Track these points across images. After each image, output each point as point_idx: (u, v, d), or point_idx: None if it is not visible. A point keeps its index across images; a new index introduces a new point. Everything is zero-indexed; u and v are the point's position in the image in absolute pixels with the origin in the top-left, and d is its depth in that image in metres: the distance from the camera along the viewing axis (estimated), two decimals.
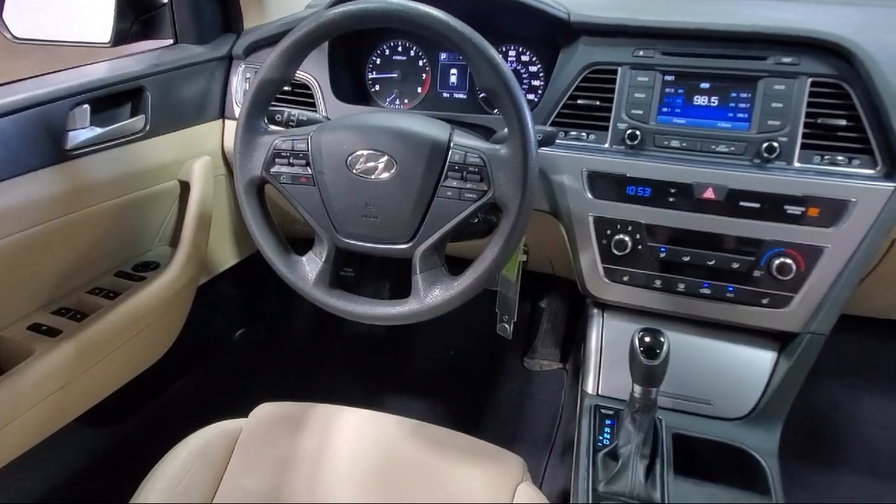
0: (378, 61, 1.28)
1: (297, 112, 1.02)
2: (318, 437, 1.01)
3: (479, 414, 1.66)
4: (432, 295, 0.86)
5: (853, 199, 0.90)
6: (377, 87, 1.29)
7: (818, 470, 1.39)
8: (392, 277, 1.78)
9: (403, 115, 0.97)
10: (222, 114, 1.32)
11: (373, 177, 0.85)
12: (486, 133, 1.02)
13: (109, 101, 1.10)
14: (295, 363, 1.84)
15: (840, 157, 0.93)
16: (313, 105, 1.20)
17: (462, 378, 1.79)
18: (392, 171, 0.85)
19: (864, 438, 1.47)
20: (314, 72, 1.19)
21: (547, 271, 1.36)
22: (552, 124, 1.05)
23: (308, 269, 0.92)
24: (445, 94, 1.25)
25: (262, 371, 1.78)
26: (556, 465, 1.45)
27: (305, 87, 1.20)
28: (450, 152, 0.84)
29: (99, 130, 1.07)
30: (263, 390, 1.16)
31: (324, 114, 1.17)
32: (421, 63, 1.25)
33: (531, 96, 1.19)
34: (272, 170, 0.90)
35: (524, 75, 1.19)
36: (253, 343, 1.80)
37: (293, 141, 0.89)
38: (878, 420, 1.49)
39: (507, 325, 1.13)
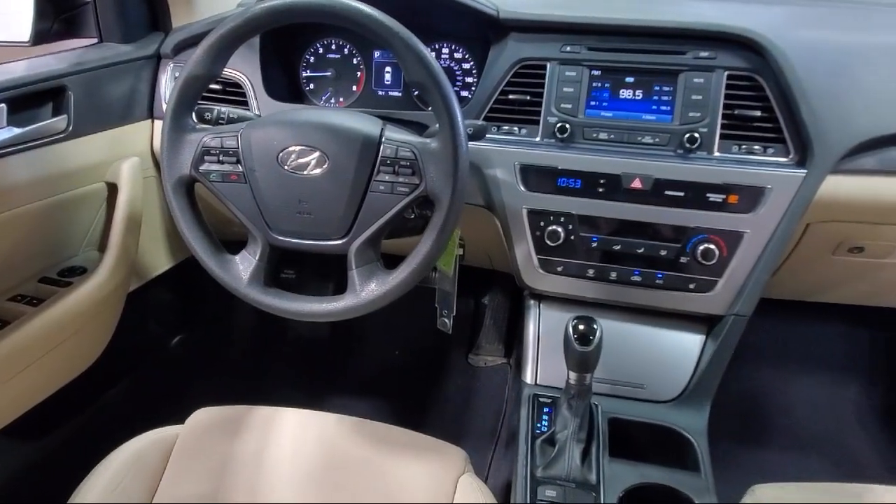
0: (312, 60, 1.27)
1: (227, 110, 1.00)
2: (257, 440, 1.00)
3: (425, 412, 1.67)
4: (368, 289, 0.86)
5: (769, 186, 0.94)
6: (312, 86, 1.28)
7: (747, 449, 1.45)
8: (335, 278, 1.76)
9: (335, 110, 0.96)
10: (151, 114, 1.29)
11: (305, 172, 0.85)
12: (420, 129, 1.03)
13: (29, 100, 1.06)
14: (236, 368, 1.80)
15: (756, 147, 0.97)
16: (246, 105, 1.18)
17: (408, 377, 1.79)
18: (324, 166, 0.85)
19: (792, 417, 1.54)
20: (246, 70, 1.18)
21: (486, 266, 1.37)
22: (485, 119, 1.06)
23: (242, 268, 0.91)
24: (381, 93, 1.26)
25: (201, 377, 1.73)
26: (501, 458, 1.47)
27: (237, 85, 1.19)
28: (381, 147, 0.85)
29: (17, 131, 1.02)
30: (203, 397, 1.13)
31: (256, 112, 1.16)
32: (355, 61, 1.25)
33: (465, 93, 1.20)
34: (201, 168, 0.88)
35: (457, 72, 1.20)
36: (191, 349, 1.75)
37: (222, 138, 0.88)
38: (804, 399, 1.57)
39: (446, 320, 1.14)
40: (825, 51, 0.98)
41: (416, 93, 1.23)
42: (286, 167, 0.85)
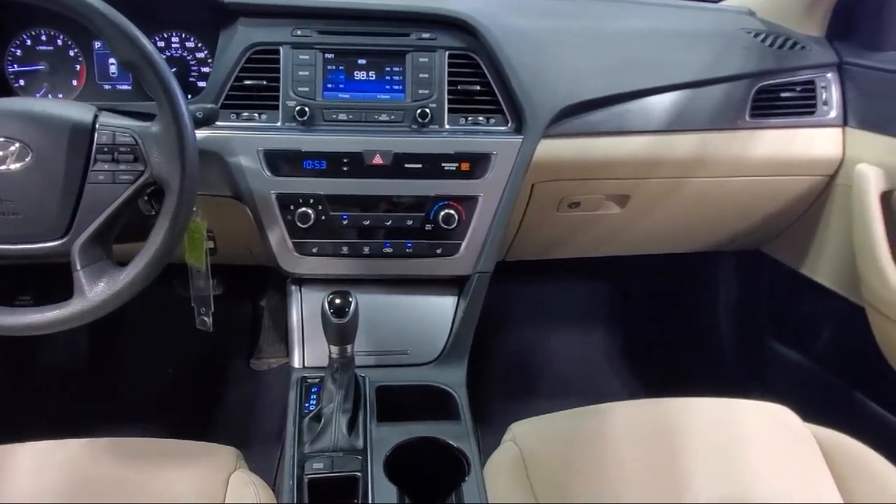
0: (19, 53, 1.13)
1: None
2: None
3: (207, 424, 1.59)
4: (97, 290, 0.79)
5: (494, 153, 1.04)
6: (22, 82, 1.14)
7: (515, 401, 1.60)
8: None
9: (36, 99, 0.88)
10: None
11: (3, 168, 0.77)
12: (148, 119, 0.97)
13: None
14: None
15: (481, 118, 1.07)
16: None
17: (186, 392, 1.68)
18: (27, 159, 0.77)
19: (552, 367, 1.73)
20: None
21: (249, 262, 1.34)
22: (222, 107, 1.04)
23: None
24: (107, 86, 1.16)
25: None
26: None
27: None
28: (96, 134, 0.80)
29: None
30: None
31: None
32: (72, 53, 1.14)
33: (202, 83, 1.15)
34: None
35: (191, 62, 1.15)
36: None
37: None
38: (560, 350, 1.77)
39: (206, 318, 1.09)
40: (530, 33, 1.10)
41: None
42: None
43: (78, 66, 1.14)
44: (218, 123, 1.01)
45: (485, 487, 0.87)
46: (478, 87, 1.06)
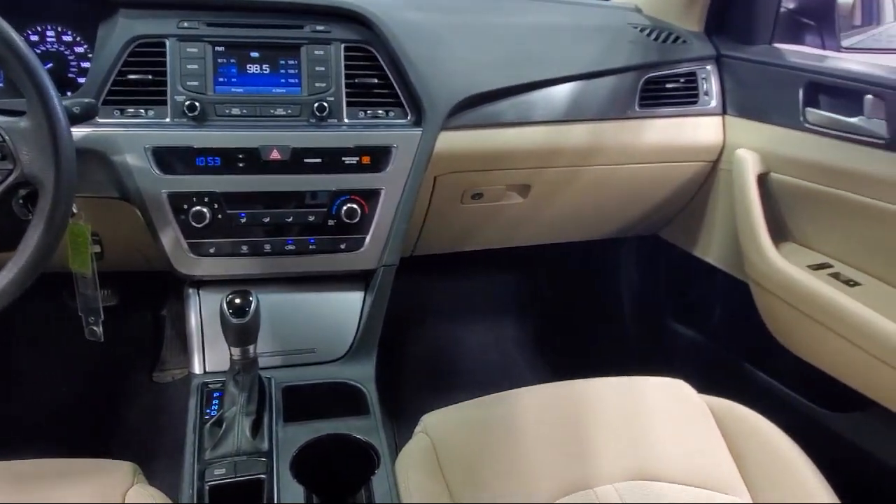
0: None
1: None
2: None
3: (109, 442, 1.49)
4: None
5: (395, 146, 1.04)
6: None
7: (432, 396, 1.58)
8: None
9: None
10: None
11: None
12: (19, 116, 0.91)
13: None
14: None
15: (380, 111, 1.07)
16: None
17: (85, 412, 1.58)
18: None
19: (467, 361, 1.74)
20: None
21: (144, 268, 1.27)
22: (104, 103, 0.98)
23: None
24: None
25: None
26: None
27: None
28: None
29: None
30: None
31: None
32: None
33: (82, 79, 1.09)
34: None
35: (69, 57, 1.08)
36: None
37: None
38: (475, 343, 1.79)
39: (95, 328, 1.03)
40: (426, 26, 1.11)
41: None
42: None
43: None
44: (100, 120, 0.97)
45: (395, 480, 0.87)
46: (375, 80, 1.06)
